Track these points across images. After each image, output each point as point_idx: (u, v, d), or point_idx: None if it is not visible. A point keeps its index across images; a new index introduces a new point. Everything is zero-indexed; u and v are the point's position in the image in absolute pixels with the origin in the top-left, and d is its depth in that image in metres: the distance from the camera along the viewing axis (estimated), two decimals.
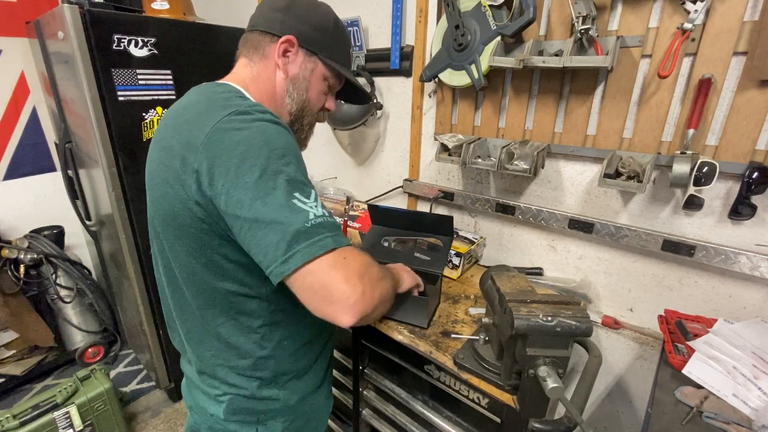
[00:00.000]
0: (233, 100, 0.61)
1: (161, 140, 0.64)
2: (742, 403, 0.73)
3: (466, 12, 1.20)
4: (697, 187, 0.90)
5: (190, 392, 0.82)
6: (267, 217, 0.53)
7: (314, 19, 0.73)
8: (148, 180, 0.68)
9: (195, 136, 0.56)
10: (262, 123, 0.57)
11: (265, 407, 0.74)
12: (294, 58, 0.73)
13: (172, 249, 0.66)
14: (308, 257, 0.53)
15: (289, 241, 0.53)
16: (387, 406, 1.13)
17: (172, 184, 0.59)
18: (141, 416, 1.85)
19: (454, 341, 0.94)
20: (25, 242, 1.85)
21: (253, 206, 0.53)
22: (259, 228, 0.54)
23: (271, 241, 0.53)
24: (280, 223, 0.53)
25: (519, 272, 0.89)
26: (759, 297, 0.98)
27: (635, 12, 0.98)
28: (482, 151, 1.30)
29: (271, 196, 0.54)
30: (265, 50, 0.72)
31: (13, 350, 1.93)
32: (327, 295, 0.54)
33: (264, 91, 0.72)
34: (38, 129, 2.05)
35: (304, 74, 0.75)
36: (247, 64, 0.73)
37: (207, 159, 0.55)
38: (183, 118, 0.61)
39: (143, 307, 1.64)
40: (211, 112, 0.58)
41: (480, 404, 0.87)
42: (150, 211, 0.70)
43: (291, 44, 0.72)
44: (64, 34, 1.30)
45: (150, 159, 0.67)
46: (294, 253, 0.53)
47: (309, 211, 0.55)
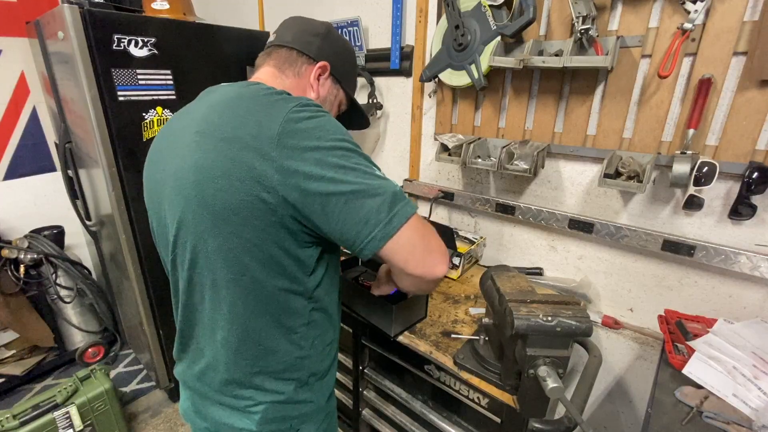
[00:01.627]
0: (287, 95, 0.63)
1: (217, 131, 0.60)
2: (742, 403, 0.73)
3: (466, 12, 1.20)
4: (697, 187, 0.90)
5: (202, 412, 0.75)
6: (363, 187, 0.57)
7: (342, 51, 0.82)
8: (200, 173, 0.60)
9: (267, 127, 0.57)
10: (326, 115, 0.61)
11: (299, 412, 0.73)
12: (324, 82, 0.79)
13: (221, 249, 0.61)
14: (408, 215, 0.59)
15: (390, 202, 0.58)
16: (387, 406, 1.13)
17: (240, 177, 0.57)
18: (141, 416, 1.85)
19: (454, 341, 0.94)
20: (25, 242, 1.85)
21: (346, 179, 0.57)
22: (357, 198, 0.57)
23: (372, 207, 0.57)
24: (379, 188, 0.58)
25: (519, 272, 0.89)
26: (759, 297, 0.98)
27: (635, 12, 0.98)
28: (482, 151, 1.30)
29: (359, 169, 0.58)
30: (300, 69, 0.76)
31: (13, 350, 1.93)
32: (427, 245, 0.61)
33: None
34: (38, 129, 2.05)
35: (330, 99, 0.82)
36: (277, 76, 0.76)
37: (287, 147, 0.56)
38: (244, 109, 0.60)
39: (143, 307, 1.63)
40: (276, 104, 0.60)
41: (480, 404, 0.87)
42: (185, 212, 0.63)
43: (325, 69, 0.78)
44: (64, 34, 1.30)
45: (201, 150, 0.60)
46: (398, 211, 0.58)
47: (388, 179, 0.61)
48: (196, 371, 0.74)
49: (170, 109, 1.52)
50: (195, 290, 0.69)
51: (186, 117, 0.68)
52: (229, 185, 0.58)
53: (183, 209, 0.63)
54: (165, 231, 0.69)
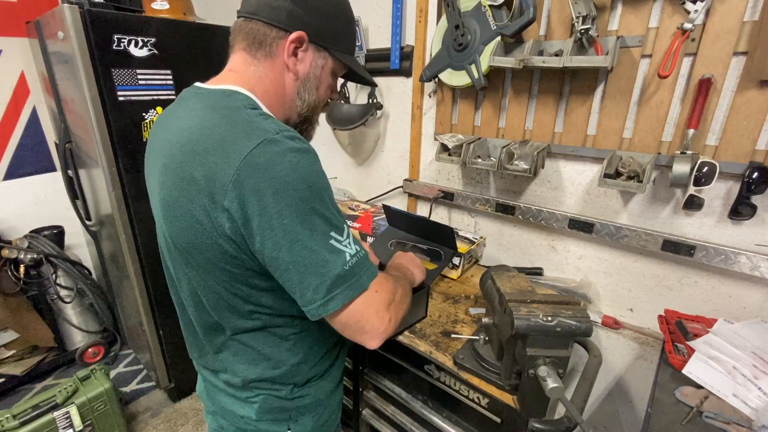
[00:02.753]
0: (253, 121, 0.56)
1: (179, 168, 0.57)
2: (742, 403, 0.73)
3: (466, 12, 1.20)
4: (697, 187, 0.90)
5: (212, 397, 0.79)
6: (306, 261, 0.54)
7: (324, 9, 0.66)
8: (164, 207, 0.62)
9: (222, 171, 0.52)
10: (293, 155, 0.53)
11: (297, 405, 0.74)
12: (303, 56, 0.66)
13: (198, 277, 0.64)
14: (346, 300, 0.57)
15: (329, 285, 0.55)
16: (387, 406, 1.13)
17: (199, 219, 0.56)
18: (141, 416, 1.84)
19: (454, 341, 0.94)
20: (25, 242, 1.85)
21: (291, 249, 0.53)
22: (298, 271, 0.55)
23: (310, 284, 0.55)
24: (320, 267, 0.55)
25: (519, 272, 0.89)
26: (759, 297, 0.98)
27: (635, 12, 0.98)
28: (482, 151, 1.30)
29: (310, 239, 0.54)
30: (271, 47, 0.64)
31: (13, 350, 1.93)
32: (360, 328, 0.60)
33: (272, 95, 0.66)
34: (38, 129, 2.05)
35: (315, 72, 0.69)
36: (249, 62, 0.65)
37: (238, 198, 0.52)
38: (202, 145, 0.55)
39: (143, 307, 1.63)
40: (236, 141, 0.53)
41: (480, 404, 0.87)
42: (167, 237, 0.65)
43: (301, 41, 0.65)
44: (64, 34, 1.30)
45: (164, 186, 0.61)
46: (334, 296, 0.56)
47: (345, 251, 0.56)
48: (204, 362, 0.78)
49: None
50: (191, 307, 0.72)
51: (162, 134, 0.64)
52: (191, 226, 0.58)
53: (167, 236, 0.65)
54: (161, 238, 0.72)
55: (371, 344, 0.62)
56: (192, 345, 0.80)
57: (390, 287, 0.65)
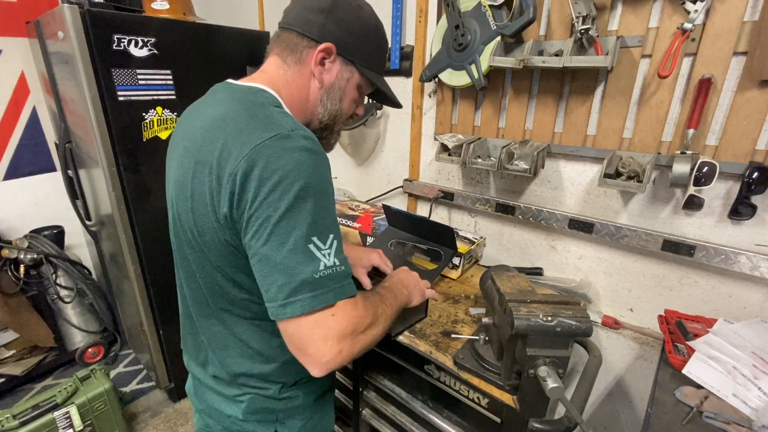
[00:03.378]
0: (274, 117, 0.59)
1: (198, 152, 0.61)
2: (742, 403, 0.73)
3: (466, 12, 1.20)
4: (697, 187, 0.90)
5: (200, 395, 0.80)
6: (278, 257, 0.54)
7: (355, 25, 0.70)
8: (177, 188, 0.65)
9: (233, 157, 0.55)
10: (302, 153, 0.55)
11: (285, 406, 0.74)
12: (330, 66, 0.70)
13: (197, 260, 0.66)
14: (305, 309, 0.54)
15: (293, 288, 0.54)
16: (387, 406, 1.13)
17: (205, 201, 0.59)
18: (141, 416, 1.85)
19: (454, 341, 0.94)
20: (25, 242, 1.85)
21: (268, 242, 0.54)
22: (268, 264, 0.55)
23: (276, 281, 0.55)
24: (290, 268, 0.54)
25: (519, 272, 0.89)
26: (759, 297, 0.98)
27: (635, 12, 0.98)
28: (482, 151, 1.30)
29: (289, 236, 0.54)
30: (301, 54, 0.69)
31: (13, 350, 1.93)
32: (302, 348, 0.56)
33: (296, 98, 0.70)
34: (38, 129, 2.05)
35: (340, 84, 0.72)
36: (280, 66, 0.70)
37: (240, 181, 0.54)
38: (222, 132, 0.58)
39: (143, 307, 1.63)
40: (253, 131, 0.56)
41: (480, 404, 0.87)
42: (176, 216, 0.68)
43: (329, 53, 0.68)
44: (64, 34, 1.30)
45: (181, 166, 0.64)
46: (294, 302, 0.54)
47: (321, 260, 0.55)
48: (196, 360, 0.79)
49: (170, 109, 1.52)
50: (187, 295, 0.73)
51: (189, 120, 0.69)
52: (197, 207, 0.61)
53: (176, 220, 0.68)
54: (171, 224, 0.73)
55: (312, 371, 0.56)
56: (186, 335, 0.81)
57: (357, 315, 0.59)
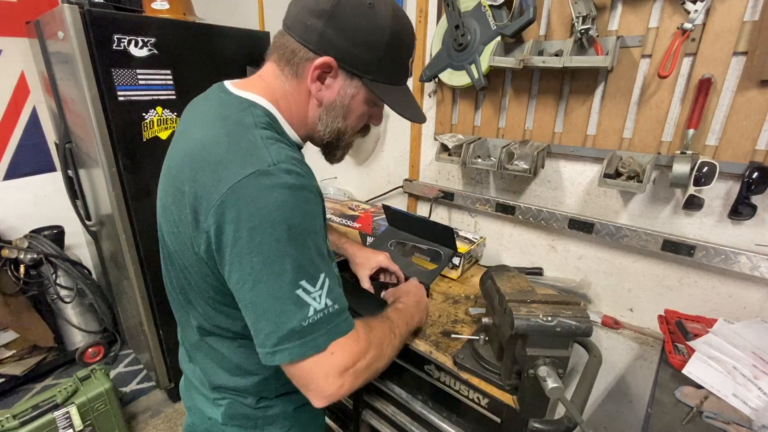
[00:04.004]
0: (257, 146, 0.53)
1: (175, 178, 0.58)
2: (742, 403, 0.73)
3: (466, 12, 1.20)
4: (697, 187, 0.90)
5: (188, 393, 0.81)
6: (265, 304, 0.52)
7: (362, 32, 0.58)
8: (160, 206, 0.64)
9: (209, 193, 0.51)
10: (282, 192, 0.50)
11: (263, 414, 0.73)
12: (331, 82, 0.61)
13: (178, 278, 0.66)
14: (294, 358, 0.53)
15: (281, 337, 0.52)
16: (387, 406, 1.13)
17: (182, 230, 0.57)
18: (141, 416, 1.84)
19: (454, 341, 0.94)
20: (25, 242, 1.85)
21: (254, 289, 0.51)
22: (255, 311, 0.53)
23: (263, 329, 0.53)
24: (277, 316, 0.51)
25: (519, 272, 0.89)
26: (759, 297, 0.98)
27: (635, 12, 0.98)
28: (482, 151, 1.30)
29: (275, 282, 0.51)
30: (298, 67, 0.61)
31: (13, 350, 1.93)
32: (303, 385, 0.56)
33: (295, 113, 0.64)
34: (38, 129, 2.05)
35: (342, 101, 0.63)
36: (278, 75, 0.63)
37: (216, 224, 0.51)
38: (199, 162, 0.54)
39: (143, 307, 1.63)
40: (230, 166, 0.51)
41: (480, 404, 0.87)
42: (161, 234, 0.67)
43: (328, 68, 0.59)
44: (64, 34, 1.30)
45: (163, 187, 0.63)
46: (282, 350, 0.52)
47: (310, 305, 0.52)
48: (187, 356, 0.79)
49: (170, 109, 1.52)
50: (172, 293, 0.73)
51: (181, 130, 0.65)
52: (177, 232, 0.59)
53: (163, 235, 0.67)
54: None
55: (315, 403, 0.56)
56: (178, 330, 0.81)
57: (359, 351, 0.57)
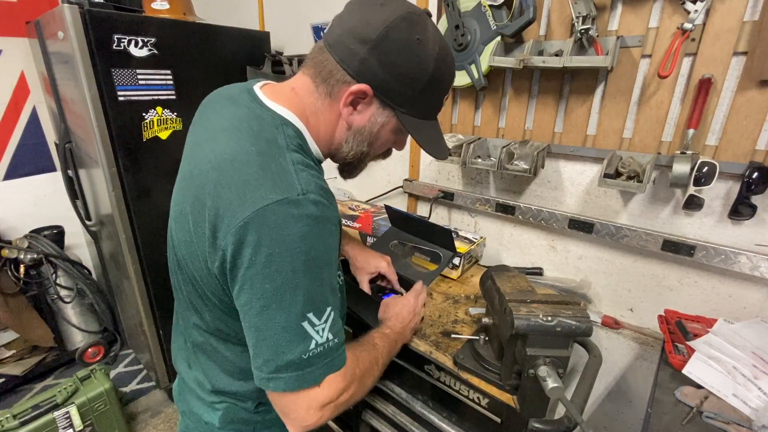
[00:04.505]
0: (288, 170, 0.53)
1: (198, 187, 0.56)
2: (742, 403, 0.73)
3: (466, 12, 1.20)
4: (697, 187, 0.90)
5: (183, 396, 0.79)
6: (269, 331, 0.52)
7: (407, 66, 0.58)
8: (175, 208, 0.63)
9: (233, 212, 0.51)
10: (307, 223, 0.51)
11: (262, 418, 0.73)
12: (364, 108, 0.61)
13: (186, 283, 0.65)
14: (288, 388, 0.54)
15: (279, 366, 0.53)
16: (387, 406, 1.13)
17: (197, 244, 0.57)
18: (141, 416, 1.85)
19: (454, 341, 0.94)
20: (25, 242, 1.85)
21: (261, 314, 0.52)
22: (258, 335, 0.53)
23: (262, 354, 0.53)
24: (278, 345, 0.52)
25: (519, 272, 0.89)
26: (759, 297, 0.98)
27: (635, 12, 0.98)
28: (482, 151, 1.30)
29: (282, 313, 0.51)
30: (333, 88, 0.60)
31: (13, 350, 1.93)
32: (285, 413, 0.57)
33: (322, 132, 0.64)
34: (38, 129, 2.05)
35: (371, 128, 0.63)
36: (311, 92, 0.62)
37: (235, 244, 0.51)
38: (227, 178, 0.53)
39: (143, 307, 1.63)
40: (258, 188, 0.51)
41: (480, 404, 0.87)
42: (171, 236, 0.67)
43: (363, 95, 0.59)
44: (64, 34, 1.30)
45: (182, 193, 0.62)
46: (278, 378, 0.53)
47: (313, 338, 0.53)
48: (184, 359, 0.78)
49: (170, 109, 1.52)
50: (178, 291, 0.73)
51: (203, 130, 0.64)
52: (189, 241, 0.59)
53: (175, 238, 0.66)
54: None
55: (291, 429, 0.58)
56: (177, 333, 0.80)
57: (344, 387, 0.58)
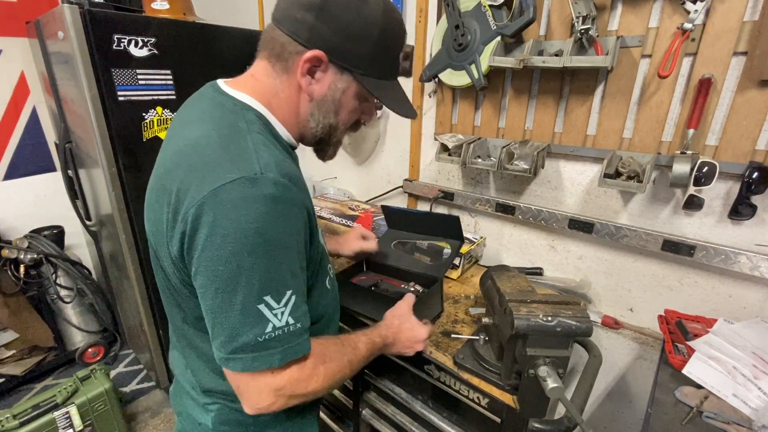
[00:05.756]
0: (248, 150, 0.53)
1: (163, 175, 0.57)
2: (742, 403, 0.73)
3: (466, 12, 1.20)
4: (697, 187, 0.90)
5: (179, 398, 0.79)
6: (223, 314, 0.52)
7: (354, 26, 0.58)
8: (147, 207, 0.64)
9: (191, 193, 0.51)
10: (264, 203, 0.50)
11: (255, 419, 0.71)
12: (322, 77, 0.61)
13: (163, 279, 0.65)
14: (246, 369, 0.54)
15: (235, 348, 0.53)
16: (387, 406, 1.13)
17: (162, 228, 0.57)
18: (141, 416, 1.85)
19: (454, 341, 0.94)
20: (25, 242, 1.85)
21: (215, 296, 0.52)
22: (213, 318, 0.53)
23: (219, 336, 0.54)
24: (233, 327, 0.52)
25: (519, 272, 0.89)
26: (759, 297, 0.98)
27: (635, 12, 0.98)
28: (482, 151, 1.30)
29: (236, 295, 0.51)
30: (288, 62, 0.60)
31: (13, 350, 1.93)
32: (240, 393, 0.57)
33: (286, 111, 0.63)
34: (38, 129, 2.05)
35: (333, 95, 0.63)
36: (269, 73, 0.62)
37: (192, 224, 0.51)
38: (188, 161, 0.54)
39: (143, 307, 1.63)
40: (217, 168, 0.51)
41: (480, 404, 0.87)
42: (148, 234, 0.66)
43: (318, 62, 0.59)
44: (64, 34, 1.30)
45: (150, 188, 0.63)
46: (234, 359, 0.53)
47: (270, 321, 0.53)
48: (180, 360, 0.78)
49: (170, 109, 1.52)
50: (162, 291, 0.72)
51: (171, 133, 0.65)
52: (158, 230, 0.59)
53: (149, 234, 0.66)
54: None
55: (245, 409, 0.58)
56: (171, 331, 0.80)
57: (300, 378, 0.58)
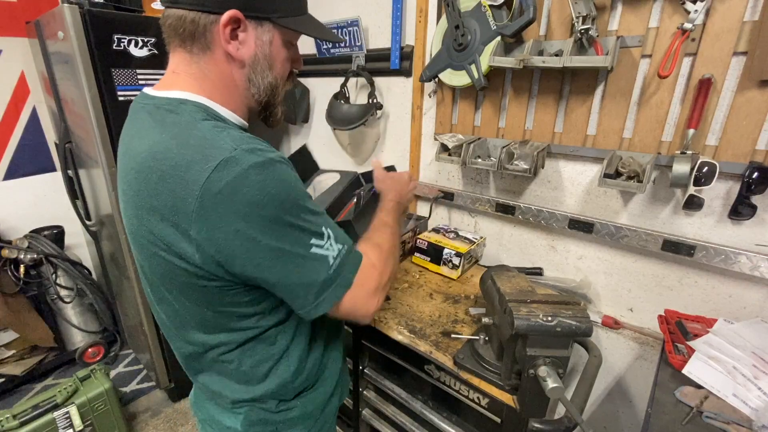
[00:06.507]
0: (207, 137, 0.51)
1: (135, 197, 0.54)
2: (742, 403, 0.73)
3: (466, 12, 1.20)
4: (697, 187, 0.90)
5: (201, 405, 0.77)
6: (291, 275, 0.55)
7: None
8: (130, 234, 0.61)
9: (183, 200, 0.49)
10: (255, 173, 0.49)
11: (283, 418, 0.72)
12: (245, 37, 0.57)
13: (178, 300, 0.61)
14: (336, 299, 0.59)
15: (317, 291, 0.57)
16: (387, 407, 1.13)
17: (165, 249, 0.54)
18: (141, 416, 1.84)
19: (454, 341, 0.94)
20: (25, 242, 1.85)
21: (274, 268, 0.54)
22: (285, 285, 0.56)
23: (299, 294, 0.57)
24: (305, 277, 0.56)
25: (519, 272, 0.89)
26: (759, 297, 0.98)
27: (635, 12, 0.98)
28: (482, 151, 1.30)
29: (290, 254, 0.54)
30: (205, 37, 0.56)
31: (13, 350, 1.93)
32: (352, 315, 0.64)
33: (223, 91, 0.59)
34: (38, 129, 2.05)
35: (263, 51, 0.59)
36: (188, 60, 0.58)
37: (206, 229, 0.49)
38: (156, 172, 0.50)
39: (143, 308, 1.63)
40: (192, 166, 0.48)
41: (480, 404, 0.87)
42: (142, 266, 0.63)
43: (237, 21, 0.55)
44: (64, 34, 1.30)
45: (125, 213, 0.60)
46: (323, 300, 0.58)
47: (327, 255, 0.57)
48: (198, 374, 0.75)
49: None
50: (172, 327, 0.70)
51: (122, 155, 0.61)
52: (156, 255, 0.56)
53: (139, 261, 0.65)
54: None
55: (364, 323, 0.68)
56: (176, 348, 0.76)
57: (375, 273, 0.65)
